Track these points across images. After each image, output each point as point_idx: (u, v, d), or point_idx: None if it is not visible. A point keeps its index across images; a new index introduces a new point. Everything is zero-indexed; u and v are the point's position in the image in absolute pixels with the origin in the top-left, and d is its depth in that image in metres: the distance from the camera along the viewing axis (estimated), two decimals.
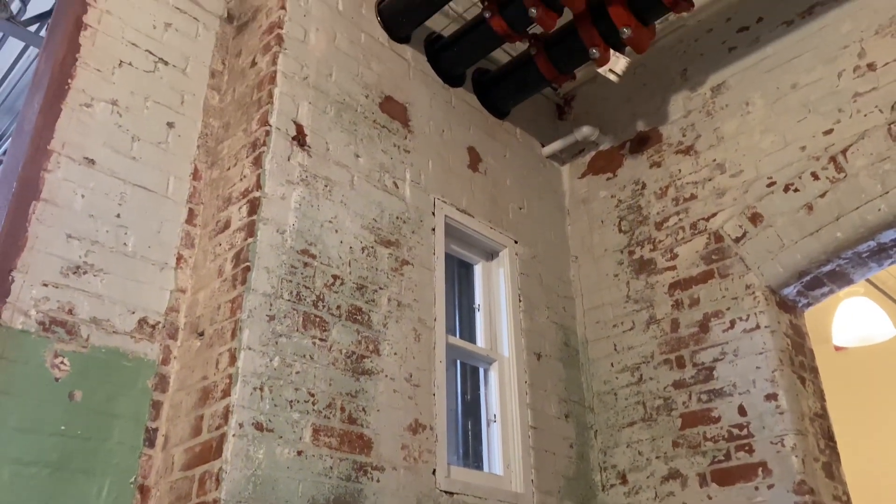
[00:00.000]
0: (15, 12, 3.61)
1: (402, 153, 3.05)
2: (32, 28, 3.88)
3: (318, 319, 2.44)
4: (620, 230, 3.61)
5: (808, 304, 3.16)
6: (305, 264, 2.49)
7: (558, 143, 3.89)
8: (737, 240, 3.14)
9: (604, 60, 3.07)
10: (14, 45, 4.16)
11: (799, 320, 3.12)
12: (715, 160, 3.34)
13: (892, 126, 2.80)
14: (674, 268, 3.32)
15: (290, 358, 2.33)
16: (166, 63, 2.78)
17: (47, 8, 3.76)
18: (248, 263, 2.35)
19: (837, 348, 5.02)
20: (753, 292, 3.01)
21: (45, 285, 2.22)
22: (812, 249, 2.91)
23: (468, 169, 3.38)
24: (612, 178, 3.75)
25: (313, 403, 2.32)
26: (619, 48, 3.11)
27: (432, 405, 2.69)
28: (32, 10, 3.87)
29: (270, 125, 2.60)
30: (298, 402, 2.29)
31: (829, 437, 2.95)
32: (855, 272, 3.01)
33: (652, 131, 3.65)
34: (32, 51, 4.11)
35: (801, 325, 3.11)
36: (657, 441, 3.12)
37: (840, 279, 3.05)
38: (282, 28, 2.80)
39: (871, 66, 2.93)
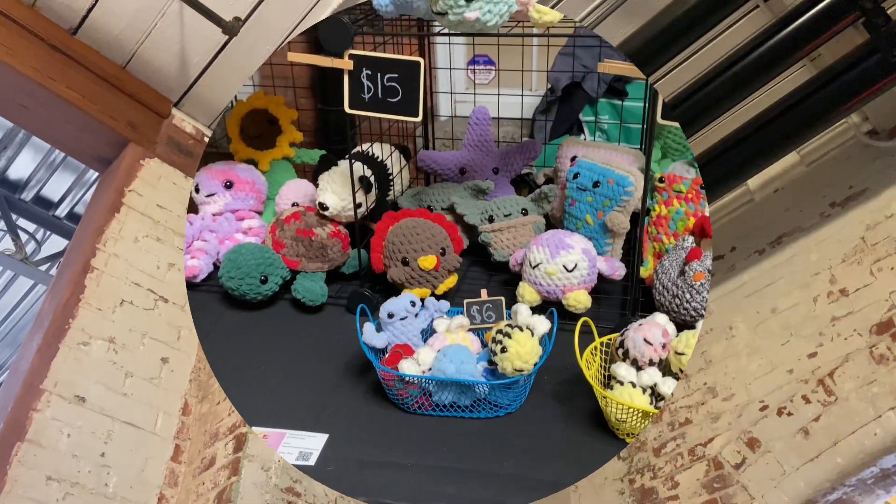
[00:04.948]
0: (29, 253, 3.83)
1: None
2: (43, 267, 4.08)
3: None
4: (619, 457, 3.51)
5: None
6: (289, 503, 2.40)
7: None
8: (737, 466, 3.05)
9: None
10: (23, 281, 4.35)
11: None
12: (706, 383, 3.35)
13: (873, 349, 2.85)
14: (676, 497, 3.18)
15: None
16: (166, 301, 2.90)
17: (59, 249, 3.99)
18: None
19: None
20: None
21: None
22: (815, 477, 2.82)
23: None
24: None
25: None
26: None
27: None
28: (46, 251, 4.10)
29: None
30: None
31: None
32: (864, 500, 2.89)
33: None
34: (40, 287, 4.29)
35: None
36: None
37: None
38: None
39: (843, 292, 3.05)
